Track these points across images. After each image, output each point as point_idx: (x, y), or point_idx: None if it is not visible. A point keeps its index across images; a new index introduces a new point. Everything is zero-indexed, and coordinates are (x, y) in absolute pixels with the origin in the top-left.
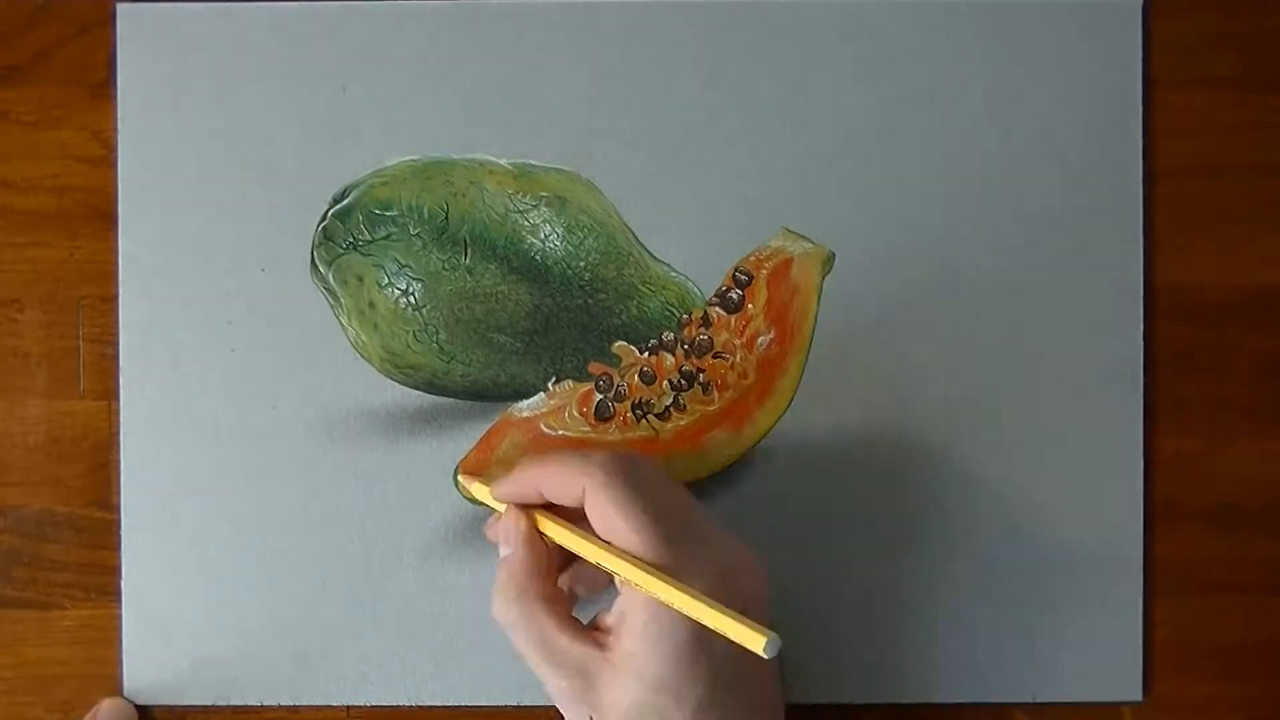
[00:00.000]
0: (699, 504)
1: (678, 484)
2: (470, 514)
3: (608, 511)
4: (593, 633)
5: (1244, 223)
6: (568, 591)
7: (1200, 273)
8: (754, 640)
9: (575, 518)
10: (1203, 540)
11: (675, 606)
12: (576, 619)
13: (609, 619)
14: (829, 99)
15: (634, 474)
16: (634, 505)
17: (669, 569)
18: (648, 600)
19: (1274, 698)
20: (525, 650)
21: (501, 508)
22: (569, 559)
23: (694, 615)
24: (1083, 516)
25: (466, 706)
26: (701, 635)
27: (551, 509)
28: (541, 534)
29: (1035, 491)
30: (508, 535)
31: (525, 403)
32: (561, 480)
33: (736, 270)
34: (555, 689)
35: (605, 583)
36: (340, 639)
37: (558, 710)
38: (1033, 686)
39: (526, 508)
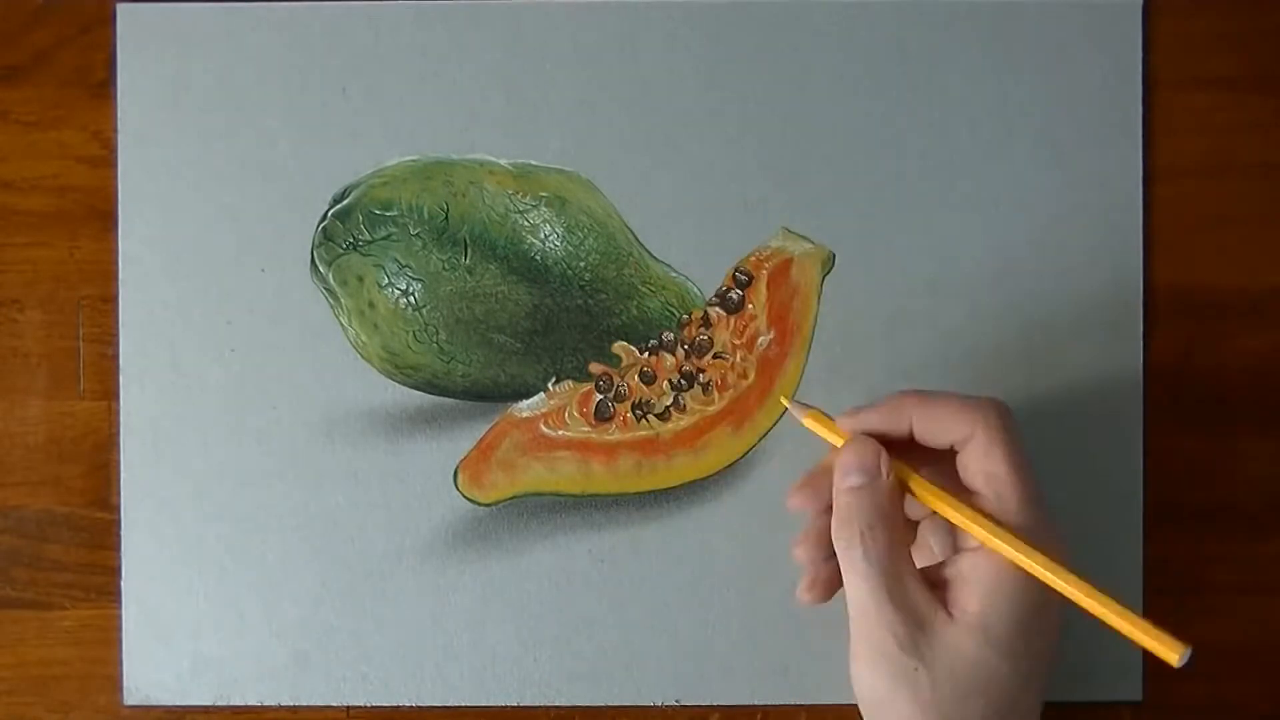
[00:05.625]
0: None
1: None
2: (470, 514)
3: (997, 461)
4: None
5: (1244, 223)
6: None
7: (1200, 273)
8: (1168, 651)
9: (919, 462)
10: (1203, 540)
11: (1055, 587)
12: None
13: (945, 573)
14: (829, 99)
15: (1017, 425)
16: (1019, 459)
17: (1034, 534)
18: (999, 561)
19: (1273, 697)
20: (866, 582)
21: (837, 440)
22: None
23: (1075, 600)
24: (1083, 516)
25: (466, 706)
26: (1046, 605)
27: (890, 448)
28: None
29: None
30: (864, 464)
31: (525, 403)
32: (948, 416)
33: (736, 270)
34: (886, 633)
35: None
36: (340, 639)
37: (559, 710)
38: None
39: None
